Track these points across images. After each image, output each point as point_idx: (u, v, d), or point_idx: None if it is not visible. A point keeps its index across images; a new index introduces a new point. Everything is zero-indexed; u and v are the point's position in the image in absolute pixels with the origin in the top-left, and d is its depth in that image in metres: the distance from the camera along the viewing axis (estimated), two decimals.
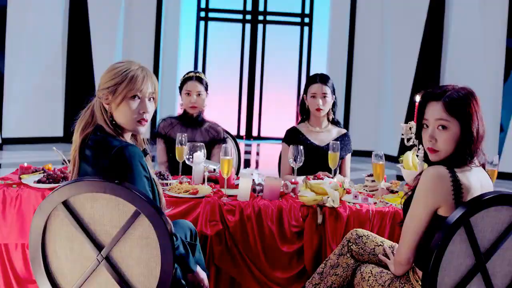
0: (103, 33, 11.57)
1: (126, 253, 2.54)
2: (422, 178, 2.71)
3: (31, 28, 10.95)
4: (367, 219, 3.55)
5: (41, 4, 11.03)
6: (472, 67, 10.41)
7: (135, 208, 2.48)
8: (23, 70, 10.93)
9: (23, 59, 10.91)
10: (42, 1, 11.04)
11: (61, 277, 2.63)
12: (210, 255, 3.55)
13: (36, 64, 11.09)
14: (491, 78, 10.38)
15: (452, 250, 2.62)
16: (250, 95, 13.21)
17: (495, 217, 2.64)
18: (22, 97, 10.97)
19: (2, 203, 3.57)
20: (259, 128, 13.32)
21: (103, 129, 2.79)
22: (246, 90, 13.21)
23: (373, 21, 11.73)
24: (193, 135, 4.57)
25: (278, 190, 3.68)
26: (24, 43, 10.88)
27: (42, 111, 11.26)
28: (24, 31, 10.87)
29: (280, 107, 12.84)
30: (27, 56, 10.95)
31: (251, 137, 13.20)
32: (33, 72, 11.06)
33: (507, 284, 2.77)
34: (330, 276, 3.21)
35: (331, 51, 12.20)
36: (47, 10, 11.16)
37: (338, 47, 12.09)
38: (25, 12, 10.84)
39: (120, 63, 2.86)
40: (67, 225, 2.54)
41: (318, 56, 12.79)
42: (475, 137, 2.71)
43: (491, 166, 3.79)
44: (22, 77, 10.94)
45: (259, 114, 13.29)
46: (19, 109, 10.94)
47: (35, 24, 10.99)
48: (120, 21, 11.65)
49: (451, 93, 2.74)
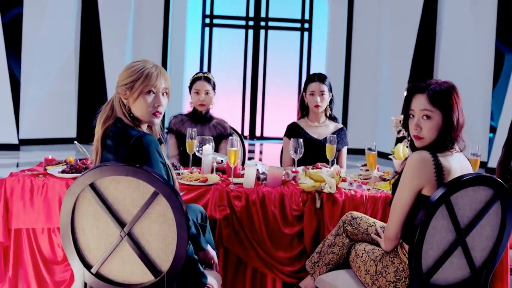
0: (114, 39, 11.58)
1: (146, 230, 2.66)
2: (408, 162, 2.87)
3: (45, 35, 10.95)
4: (361, 204, 3.65)
5: (55, 11, 11.04)
6: (463, 67, 10.42)
7: (154, 189, 2.60)
8: (38, 75, 10.94)
9: (38, 64, 10.92)
10: (55, 9, 11.04)
11: (88, 252, 2.74)
12: (219, 237, 3.62)
13: (50, 69, 11.11)
14: (481, 78, 10.39)
15: (435, 225, 2.77)
16: (253, 97, 13.22)
17: (473, 196, 2.79)
18: (38, 100, 10.98)
19: (30, 191, 3.66)
20: (262, 129, 13.32)
21: (122, 121, 2.94)
22: (249, 92, 13.20)
23: (369, 25, 11.75)
24: (202, 131, 4.67)
25: (280, 178, 3.78)
26: (38, 49, 10.89)
27: (56, 113, 11.27)
28: (38, 37, 10.88)
29: (281, 109, 12.77)
30: (41, 62, 10.96)
31: (254, 137, 13.20)
32: (48, 77, 11.09)
33: (485, 257, 2.92)
34: (328, 254, 3.36)
35: (330, 55, 12.20)
36: (60, 18, 11.17)
37: (336, 50, 12.11)
38: (39, 19, 10.86)
39: (136, 62, 3.00)
40: (94, 205, 2.67)
41: (318, 59, 12.80)
42: (456, 126, 2.88)
43: (474, 156, 3.94)
44: (37, 81, 10.96)
45: (262, 115, 13.29)
46: (35, 112, 10.96)
47: (49, 30, 11.00)
48: (129, 27, 11.65)
49: (434, 86, 2.90)
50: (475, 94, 10.28)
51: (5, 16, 10.46)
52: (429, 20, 11.01)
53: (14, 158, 9.92)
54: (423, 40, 11.02)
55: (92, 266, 2.75)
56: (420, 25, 11.02)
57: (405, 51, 11.06)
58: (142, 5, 11.82)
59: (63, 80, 11.39)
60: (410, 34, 11.10)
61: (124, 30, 11.67)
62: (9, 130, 10.59)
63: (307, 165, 4.18)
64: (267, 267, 3.68)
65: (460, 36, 10.64)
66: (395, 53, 11.24)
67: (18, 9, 10.62)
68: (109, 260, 2.73)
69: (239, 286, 3.75)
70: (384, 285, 2.98)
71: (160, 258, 2.70)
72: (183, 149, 4.52)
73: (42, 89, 11.07)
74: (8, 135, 10.59)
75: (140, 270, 2.72)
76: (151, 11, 11.85)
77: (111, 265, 2.74)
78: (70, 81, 11.51)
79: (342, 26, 12.05)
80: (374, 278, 3.02)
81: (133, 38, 11.73)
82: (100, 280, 2.76)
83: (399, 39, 11.24)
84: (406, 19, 11.14)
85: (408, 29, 11.11)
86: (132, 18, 11.71)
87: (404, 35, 11.16)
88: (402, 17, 11.20)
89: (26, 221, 3.69)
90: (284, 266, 3.68)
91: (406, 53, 11.02)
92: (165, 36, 11.91)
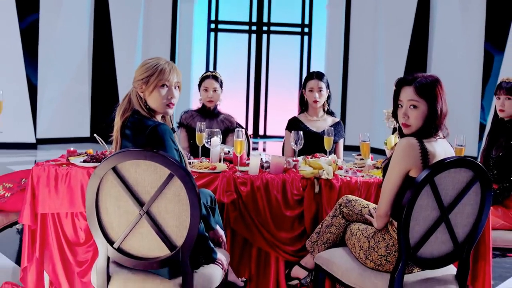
0: (125, 44, 11.71)
1: (162, 208, 2.76)
2: (397, 147, 3.00)
3: (60, 40, 11.08)
4: (356, 188, 3.73)
5: (69, 17, 11.16)
6: (454, 67, 10.50)
7: (169, 171, 2.70)
8: (53, 78, 11.08)
9: (53, 68, 11.05)
10: (69, 15, 11.16)
11: (111, 229, 2.84)
12: (227, 220, 3.70)
13: (65, 72, 11.24)
14: (471, 77, 10.45)
15: (420, 204, 2.86)
16: (256, 98, 13.26)
17: (455, 177, 2.89)
18: (53, 102, 11.13)
19: (54, 179, 3.74)
20: (265, 127, 13.36)
21: (139, 112, 3.08)
22: (253, 93, 13.24)
23: (365, 28, 11.83)
24: (210, 125, 4.75)
25: (282, 166, 3.87)
26: (54, 53, 11.01)
27: (71, 114, 11.42)
28: (54, 42, 11.01)
29: (283, 109, 12.63)
30: (56, 65, 11.09)
31: (258, 135, 13.23)
32: (62, 79, 11.22)
33: (467, 233, 3.02)
34: (326, 234, 3.45)
35: (329, 57, 12.29)
36: (74, 23, 11.29)
37: (334, 53, 12.20)
38: (54, 25, 10.98)
39: (150, 59, 3.13)
40: (116, 187, 2.77)
41: (317, 62, 12.83)
42: (439, 115, 3.01)
43: (459, 146, 4.07)
44: (53, 84, 11.09)
45: (265, 115, 13.33)
46: (51, 113, 11.11)
47: (64, 35, 11.12)
48: (139, 32, 11.78)
49: (420, 79, 3.04)
50: (465, 93, 10.38)
51: (22, 22, 10.55)
52: (422, 23, 11.07)
53: (32, 156, 10.05)
54: (416, 43, 11.08)
55: (115, 242, 2.84)
56: (414, 28, 11.10)
57: (400, 53, 11.13)
58: (151, 11, 11.90)
59: (77, 82, 11.51)
60: (404, 37, 11.15)
61: (134, 35, 11.78)
62: (27, 130, 10.72)
63: (307, 155, 4.27)
64: (270, 247, 3.75)
65: (451, 38, 10.71)
66: (390, 54, 11.32)
67: (34, 15, 10.71)
68: (129, 236, 2.82)
69: (245, 264, 3.83)
70: (376, 259, 3.09)
71: (175, 234, 2.79)
72: (193, 141, 4.64)
73: (57, 91, 11.20)
74: (26, 134, 10.72)
75: (157, 245, 2.81)
76: (159, 17, 11.95)
77: (132, 241, 2.83)
78: (83, 83, 11.64)
79: (340, 30, 12.14)
80: (367, 253, 3.13)
81: (142, 43, 11.83)
82: (121, 254, 2.85)
83: (394, 42, 11.30)
84: (400, 22, 11.20)
85: (402, 31, 11.17)
86: (142, 23, 11.83)
87: (399, 37, 11.22)
88: (396, 21, 11.27)
89: (51, 206, 3.77)
90: (286, 245, 3.75)
91: (401, 54, 11.08)
92: (173, 41, 12.02)
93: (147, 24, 11.96)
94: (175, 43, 12.05)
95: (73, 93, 11.48)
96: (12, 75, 10.29)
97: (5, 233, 4.19)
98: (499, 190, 4.17)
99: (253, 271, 3.85)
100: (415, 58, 10.97)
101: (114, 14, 11.66)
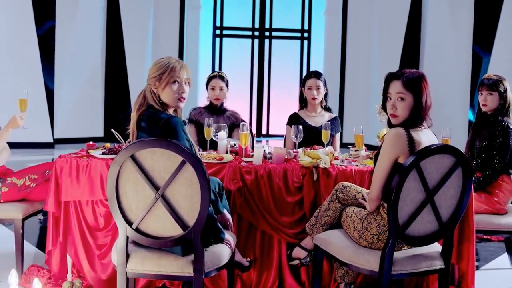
0: (135, 50, 11.80)
1: (176, 192, 2.86)
2: (386, 136, 3.13)
3: (74, 46, 11.17)
4: (351, 176, 3.81)
5: (83, 25, 11.25)
6: (445, 69, 10.54)
7: (182, 158, 2.80)
8: (69, 83, 11.15)
9: (69, 73, 11.12)
10: (83, 23, 11.24)
11: (129, 212, 2.95)
12: (233, 205, 3.75)
13: (79, 77, 11.31)
14: (460, 78, 10.48)
15: (408, 187, 2.97)
16: (259, 99, 13.24)
17: (439, 162, 3.00)
18: (69, 104, 11.20)
19: (76, 170, 3.83)
20: (268, 127, 13.33)
21: (153, 107, 3.22)
22: (256, 94, 13.19)
23: (361, 33, 11.88)
24: (217, 120, 4.81)
25: (283, 156, 3.96)
26: (69, 59, 11.10)
27: (85, 116, 11.48)
28: (69, 49, 11.09)
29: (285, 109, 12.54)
30: (72, 70, 11.16)
31: (261, 134, 13.19)
32: (78, 84, 11.30)
33: (450, 214, 3.13)
34: (324, 217, 3.55)
35: (327, 60, 12.34)
36: (88, 31, 11.38)
37: (332, 56, 12.25)
38: (69, 32, 11.07)
39: (162, 58, 3.27)
40: (134, 173, 2.87)
41: (316, 65, 12.75)
42: (424, 106, 3.13)
43: (445, 138, 4.16)
44: (69, 88, 11.16)
45: (267, 114, 13.29)
46: (67, 115, 11.19)
47: (78, 42, 11.20)
48: (149, 39, 11.87)
49: (408, 74, 3.17)
50: (455, 93, 10.45)
51: (40, 29, 10.66)
52: (414, 28, 11.13)
53: (50, 154, 10.14)
54: (409, 45, 11.13)
55: (133, 223, 2.94)
56: (406, 32, 11.15)
57: (393, 55, 11.17)
58: (160, 18, 11.97)
59: (91, 86, 11.59)
60: (397, 40, 11.21)
61: (144, 41, 11.89)
62: (45, 130, 10.84)
63: (306, 147, 4.33)
64: (273, 230, 3.83)
65: (442, 42, 10.76)
66: (384, 57, 11.36)
67: (50, 22, 10.79)
68: (146, 217, 2.92)
69: (250, 246, 3.90)
70: (369, 238, 3.21)
71: (187, 215, 2.90)
72: (201, 136, 4.72)
73: (73, 94, 11.28)
74: (44, 135, 10.84)
75: (171, 225, 2.91)
76: (168, 24, 12.03)
77: (148, 222, 2.93)
78: (97, 88, 11.73)
79: (337, 34, 12.20)
80: (361, 232, 3.24)
81: (152, 48, 11.91)
82: (139, 234, 2.95)
83: (388, 45, 11.37)
84: (393, 26, 11.26)
85: (395, 35, 11.23)
86: (151, 30, 11.92)
87: (392, 41, 11.28)
88: (390, 25, 11.33)
89: (73, 194, 3.85)
90: (287, 229, 3.82)
91: (394, 57, 11.12)
92: (181, 46, 12.10)
93: (156, 31, 12.04)
94: (182, 48, 12.12)
95: (87, 96, 11.55)
96: (30, 79, 10.34)
97: (28, 222, 4.26)
98: (482, 178, 4.30)
99: (257, 252, 3.91)
100: (407, 60, 10.99)
101: (125, 22, 11.75)
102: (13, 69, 10.48)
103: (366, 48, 11.87)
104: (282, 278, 3.95)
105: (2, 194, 4.14)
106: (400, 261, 3.13)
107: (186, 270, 2.98)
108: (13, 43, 10.56)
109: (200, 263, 2.95)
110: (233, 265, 3.50)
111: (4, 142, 4.25)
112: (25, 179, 4.19)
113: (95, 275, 3.93)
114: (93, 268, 3.94)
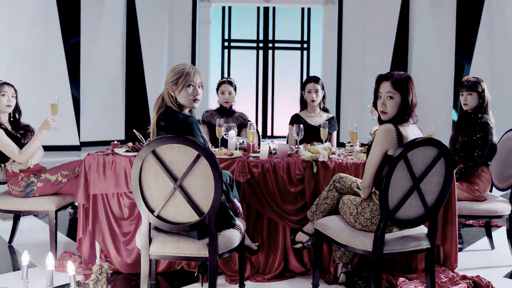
0: (152, 62, 11.82)
1: (192, 183, 2.91)
2: (377, 132, 3.17)
3: (98, 58, 11.21)
4: (346, 168, 3.85)
5: (105, 39, 11.30)
6: (430, 75, 10.56)
7: (197, 152, 2.85)
8: (92, 91, 11.19)
9: (92, 82, 11.16)
10: (106, 37, 11.30)
11: (151, 201, 2.99)
12: (243, 196, 3.77)
13: (102, 86, 11.35)
14: (444, 83, 10.51)
15: (396, 175, 3.00)
16: (264, 104, 13.32)
17: (423, 154, 3.03)
18: (94, 111, 11.23)
19: (103, 166, 3.88)
20: (272, 129, 13.41)
21: (171, 108, 3.28)
22: (261, 99, 13.29)
23: (355, 43, 11.86)
24: (227, 121, 4.84)
25: (286, 151, 3.99)
26: (93, 69, 11.14)
27: (108, 121, 11.52)
28: (93, 60, 11.14)
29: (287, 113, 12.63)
30: (95, 80, 11.21)
31: (266, 136, 13.25)
32: (100, 92, 11.33)
33: (435, 199, 3.16)
34: (323, 205, 3.59)
35: (324, 68, 12.34)
36: (110, 44, 11.42)
37: (329, 65, 12.26)
38: (93, 45, 11.11)
39: (178, 65, 3.34)
40: (155, 166, 2.92)
41: (315, 72, 12.60)
42: (410, 104, 3.18)
43: (429, 134, 4.25)
44: (92, 96, 11.19)
45: (272, 118, 13.38)
46: (92, 120, 11.21)
47: (101, 55, 11.25)
48: (164, 51, 11.88)
49: (396, 76, 3.21)
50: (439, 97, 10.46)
51: (67, 44, 10.75)
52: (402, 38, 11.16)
53: (77, 156, 10.09)
54: (397, 54, 11.16)
55: (154, 211, 2.99)
56: (395, 42, 11.18)
57: (384, 63, 11.14)
58: (174, 33, 12.02)
59: (113, 94, 11.63)
60: (387, 50, 11.25)
61: (160, 53, 11.91)
62: (72, 134, 10.89)
63: (306, 143, 4.39)
64: (278, 217, 3.84)
65: (427, 51, 10.79)
66: (375, 64, 11.31)
67: (76, 37, 10.89)
68: (166, 205, 2.97)
69: (258, 232, 3.92)
70: (363, 222, 3.25)
71: (202, 203, 2.94)
72: (213, 135, 4.77)
73: (96, 102, 11.32)
74: (72, 138, 10.89)
75: (189, 212, 2.96)
76: (181, 37, 12.07)
77: (168, 209, 2.98)
78: (118, 95, 11.75)
79: (333, 45, 12.21)
80: (356, 217, 3.29)
81: (167, 60, 11.92)
82: (160, 220, 3.00)
83: (379, 54, 11.36)
84: (384, 38, 11.28)
85: (385, 45, 11.26)
86: (166, 43, 11.93)
87: (383, 50, 11.30)
88: (380, 37, 11.34)
89: (100, 188, 3.90)
90: (291, 216, 3.84)
91: (384, 65, 11.07)
92: (193, 56, 12.11)
93: (171, 43, 12.08)
94: (195, 59, 12.14)
95: (109, 102, 11.58)
96: (58, 89, 10.37)
97: (60, 215, 4.32)
98: (464, 169, 4.34)
99: (265, 237, 3.93)
100: (397, 67, 10.93)
101: (143, 36, 11.81)
102: (43, 81, 10.55)
103: (359, 56, 11.87)
104: (287, 260, 3.96)
105: (38, 189, 4.21)
106: (391, 242, 3.16)
107: (202, 252, 3.01)
108: (43, 58, 10.66)
109: (214, 245, 2.98)
110: (243, 249, 3.53)
111: (39, 142, 4.32)
112: (57, 175, 4.26)
113: (121, 260, 3.97)
114: (119, 253, 3.97)
